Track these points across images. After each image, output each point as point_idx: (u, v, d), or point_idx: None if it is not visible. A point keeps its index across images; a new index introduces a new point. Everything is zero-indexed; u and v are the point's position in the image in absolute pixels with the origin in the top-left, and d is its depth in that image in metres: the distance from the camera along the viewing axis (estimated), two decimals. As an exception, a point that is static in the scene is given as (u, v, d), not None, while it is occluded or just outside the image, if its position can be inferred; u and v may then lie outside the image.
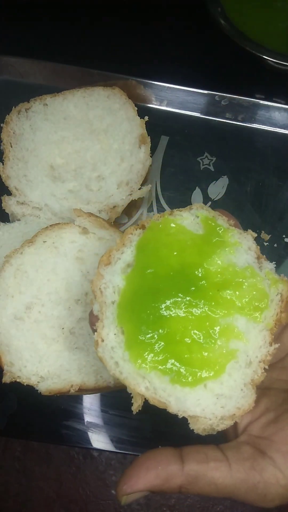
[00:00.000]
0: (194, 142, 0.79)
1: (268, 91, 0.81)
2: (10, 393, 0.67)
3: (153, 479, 0.35)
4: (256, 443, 0.39)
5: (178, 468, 0.36)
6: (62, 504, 0.84)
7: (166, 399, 0.42)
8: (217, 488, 0.36)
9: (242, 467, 0.36)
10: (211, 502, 0.90)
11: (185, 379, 0.42)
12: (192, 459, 0.36)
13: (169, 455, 0.37)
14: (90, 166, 0.70)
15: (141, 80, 0.78)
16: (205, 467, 0.36)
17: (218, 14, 0.77)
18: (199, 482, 0.36)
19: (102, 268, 0.45)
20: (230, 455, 0.37)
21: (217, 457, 0.37)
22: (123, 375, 0.42)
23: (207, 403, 0.42)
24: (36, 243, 0.60)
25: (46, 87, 0.78)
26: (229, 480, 0.36)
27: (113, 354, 0.43)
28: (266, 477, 0.36)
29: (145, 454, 0.37)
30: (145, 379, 0.42)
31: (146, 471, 0.36)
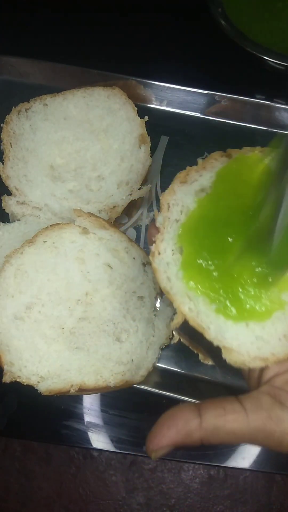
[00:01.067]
0: (194, 142, 0.79)
1: (268, 91, 0.81)
2: (10, 393, 0.67)
3: (175, 436, 0.38)
4: (277, 395, 0.40)
5: (197, 423, 0.38)
6: (62, 504, 0.84)
7: (207, 325, 0.42)
8: (236, 437, 0.38)
9: (260, 417, 0.38)
10: (211, 502, 0.90)
11: (231, 313, 0.42)
12: (209, 413, 0.38)
13: (188, 411, 0.39)
14: (90, 166, 0.70)
15: (141, 80, 0.78)
16: (222, 420, 0.38)
17: (219, 15, 0.77)
18: (218, 433, 0.38)
19: (176, 185, 0.45)
20: (248, 406, 0.39)
21: (234, 409, 0.38)
22: (172, 291, 0.42)
23: (245, 340, 0.42)
24: (36, 243, 0.60)
25: (46, 87, 0.78)
26: (247, 429, 0.38)
27: (167, 269, 0.43)
28: (283, 426, 0.38)
29: (166, 413, 0.40)
30: (192, 301, 0.42)
31: (167, 430, 0.38)
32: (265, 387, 0.41)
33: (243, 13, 0.77)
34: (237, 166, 0.45)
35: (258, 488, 0.93)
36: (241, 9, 0.78)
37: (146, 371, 0.62)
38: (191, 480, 0.90)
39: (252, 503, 0.93)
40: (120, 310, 0.61)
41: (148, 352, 0.62)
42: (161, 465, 0.89)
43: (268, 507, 0.93)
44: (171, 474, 0.90)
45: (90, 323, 0.59)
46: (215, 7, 0.77)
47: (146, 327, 0.62)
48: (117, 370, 0.58)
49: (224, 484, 0.92)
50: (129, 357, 0.59)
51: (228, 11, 0.77)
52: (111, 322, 0.60)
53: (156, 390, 0.65)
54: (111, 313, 0.60)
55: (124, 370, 0.58)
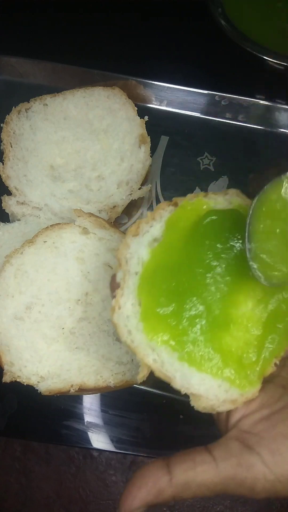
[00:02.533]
0: (194, 142, 0.79)
1: (268, 91, 0.81)
2: (10, 393, 0.67)
3: (146, 496, 0.37)
4: (245, 439, 0.39)
5: (167, 480, 0.37)
6: (62, 504, 0.84)
7: (172, 374, 0.42)
8: (208, 489, 0.37)
9: (230, 465, 0.37)
10: (211, 502, 0.90)
11: (194, 360, 0.42)
12: (179, 468, 0.38)
13: (157, 469, 0.38)
14: (90, 166, 0.70)
15: (141, 80, 0.78)
16: (192, 473, 0.37)
17: (219, 15, 0.77)
18: (190, 488, 0.37)
19: (129, 238, 0.46)
20: (217, 454, 0.38)
21: (204, 460, 0.38)
22: (134, 344, 0.43)
23: (212, 384, 0.42)
24: (37, 243, 0.61)
25: (46, 87, 0.78)
26: (218, 479, 0.37)
27: (127, 322, 0.43)
28: (254, 473, 0.37)
29: (137, 472, 0.39)
30: (155, 352, 0.43)
31: (138, 490, 0.37)
32: (233, 432, 0.41)
33: (243, 13, 0.77)
34: (184, 213, 0.47)
35: (258, 488, 0.93)
36: (241, 9, 0.78)
37: (146, 371, 0.62)
38: (191, 480, 0.90)
39: (252, 503, 0.93)
40: (120, 310, 0.61)
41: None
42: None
43: (268, 507, 0.93)
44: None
45: (90, 323, 0.59)
46: (215, 7, 0.77)
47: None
48: (117, 370, 0.58)
49: (224, 484, 0.92)
50: (129, 357, 0.59)
51: (228, 11, 0.77)
52: (111, 322, 0.60)
53: (156, 390, 0.65)
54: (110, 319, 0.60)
55: (124, 370, 0.58)
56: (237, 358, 0.43)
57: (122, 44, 0.88)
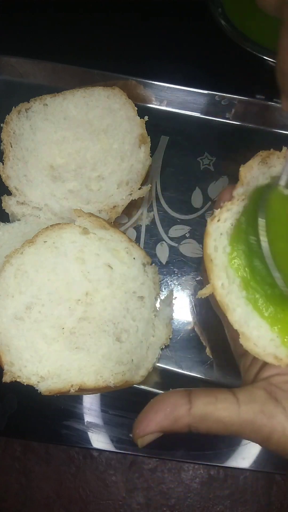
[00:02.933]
0: (194, 142, 0.79)
1: (268, 91, 0.81)
2: (10, 393, 0.67)
3: (162, 420, 0.37)
4: (273, 391, 0.39)
5: (186, 409, 0.37)
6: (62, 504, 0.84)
7: (234, 306, 0.42)
8: (224, 426, 0.37)
9: (251, 409, 0.37)
10: (211, 502, 0.90)
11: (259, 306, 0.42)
12: (200, 400, 0.38)
13: (178, 397, 0.38)
14: (90, 166, 0.70)
15: (141, 80, 0.78)
16: (212, 407, 0.37)
17: (219, 15, 0.77)
18: (207, 421, 0.37)
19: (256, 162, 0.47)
20: (241, 397, 0.38)
21: (226, 399, 0.38)
22: (213, 261, 0.42)
23: (266, 335, 0.42)
24: (37, 243, 0.61)
25: (46, 87, 0.78)
26: (237, 420, 0.37)
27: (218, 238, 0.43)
28: (274, 423, 0.37)
29: (155, 398, 0.39)
30: (227, 279, 0.42)
31: (155, 413, 0.38)
32: (261, 382, 0.41)
33: (243, 13, 0.77)
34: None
35: (258, 488, 0.93)
36: (241, 9, 0.78)
37: (146, 371, 0.62)
38: (191, 480, 0.90)
39: (252, 503, 0.93)
40: (120, 310, 0.61)
41: (148, 352, 0.62)
42: (161, 465, 0.89)
43: (268, 507, 0.93)
44: (171, 474, 0.90)
45: (90, 323, 0.59)
46: (215, 7, 0.77)
47: (146, 327, 0.62)
48: (117, 370, 0.58)
49: (224, 484, 0.92)
50: (129, 357, 0.59)
51: (228, 11, 0.77)
52: (111, 322, 0.60)
53: (156, 390, 0.65)
54: (111, 313, 0.60)
55: (124, 370, 0.58)
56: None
57: (122, 44, 0.88)
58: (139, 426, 0.38)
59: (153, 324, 0.64)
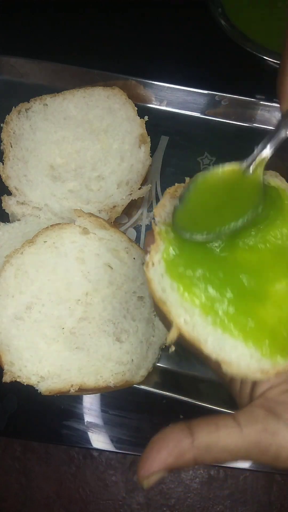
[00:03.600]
0: (194, 142, 0.79)
1: (268, 91, 0.81)
2: (10, 393, 0.67)
3: (166, 458, 0.36)
4: (271, 407, 0.38)
5: (189, 442, 0.36)
6: (62, 504, 0.84)
7: (204, 337, 0.41)
8: (230, 453, 0.36)
9: (254, 430, 0.36)
10: (211, 502, 0.90)
11: (228, 326, 0.41)
12: (201, 431, 0.37)
13: (179, 431, 0.37)
14: (90, 166, 0.70)
15: (141, 80, 0.78)
16: (215, 436, 0.36)
17: (219, 15, 0.77)
18: (212, 451, 0.36)
19: (167, 199, 0.47)
20: (242, 420, 0.37)
21: (227, 424, 0.37)
22: (166, 303, 0.42)
23: (244, 352, 0.41)
24: (37, 243, 0.61)
25: (46, 87, 0.78)
26: (242, 444, 0.36)
27: (161, 280, 0.42)
28: (279, 439, 0.36)
29: (156, 436, 0.38)
30: (187, 313, 0.42)
31: (158, 452, 0.36)
32: (259, 400, 0.40)
33: (243, 13, 0.77)
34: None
35: (258, 488, 0.93)
36: (241, 9, 0.78)
37: (146, 371, 0.62)
38: (191, 480, 0.90)
39: (252, 503, 0.93)
40: (120, 310, 0.61)
41: (148, 352, 0.62)
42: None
43: (268, 507, 0.93)
44: (171, 474, 0.90)
45: (90, 323, 0.59)
46: (215, 7, 0.77)
47: (146, 327, 0.62)
48: (117, 370, 0.58)
49: (224, 484, 0.92)
50: (129, 357, 0.59)
51: (228, 11, 0.77)
52: (111, 322, 0.60)
53: (156, 390, 0.65)
54: (111, 313, 0.60)
55: (124, 370, 0.58)
56: (271, 331, 0.42)
57: (122, 44, 0.88)
58: (143, 467, 0.36)
59: (153, 324, 0.64)
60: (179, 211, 0.46)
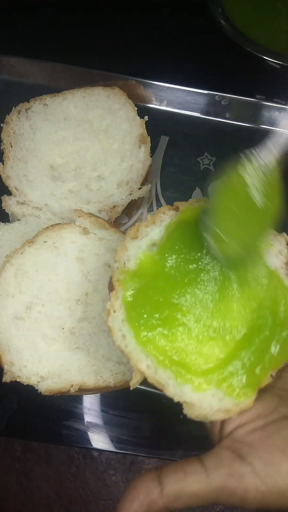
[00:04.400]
0: (194, 142, 0.79)
1: (268, 91, 0.81)
2: (10, 393, 0.67)
3: (138, 508, 0.37)
4: (238, 449, 0.39)
5: (158, 491, 0.37)
6: (62, 504, 0.84)
7: (165, 381, 0.42)
8: (199, 499, 0.37)
9: (220, 475, 0.37)
10: (211, 502, 0.90)
11: (185, 375, 0.42)
12: (170, 479, 0.38)
13: (148, 481, 0.38)
14: (90, 166, 0.70)
15: (141, 80, 0.78)
16: (183, 484, 0.37)
17: (219, 15, 0.77)
18: (180, 498, 0.37)
19: (128, 241, 0.46)
20: (209, 464, 0.38)
21: (195, 471, 0.38)
22: (127, 349, 0.42)
23: (206, 393, 0.42)
24: (37, 243, 0.61)
25: (46, 87, 0.78)
26: (209, 489, 0.37)
27: (122, 326, 0.43)
28: (245, 483, 0.37)
29: (129, 485, 0.39)
30: (148, 358, 0.42)
31: (130, 503, 0.38)
32: (226, 441, 0.40)
33: (243, 13, 0.77)
34: (184, 218, 0.47)
35: (258, 488, 0.93)
36: (241, 9, 0.78)
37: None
38: (191, 480, 0.90)
39: (252, 503, 0.93)
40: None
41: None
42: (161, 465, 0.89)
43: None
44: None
45: (90, 323, 0.59)
46: (215, 7, 0.77)
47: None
48: (117, 370, 0.58)
49: (224, 484, 0.92)
50: (129, 357, 0.59)
51: (228, 11, 0.77)
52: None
53: (156, 390, 0.65)
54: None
55: (124, 370, 0.58)
56: (232, 369, 0.43)
57: (122, 44, 0.88)
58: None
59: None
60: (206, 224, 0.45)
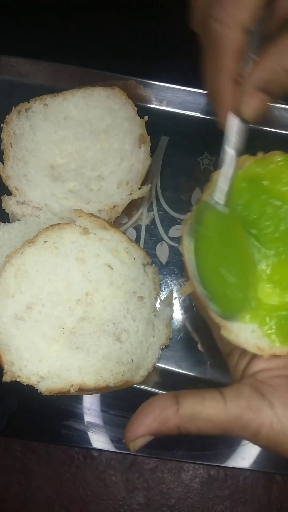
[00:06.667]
0: (194, 142, 0.79)
1: (268, 91, 0.81)
2: (10, 393, 0.67)
3: (151, 423, 0.38)
4: (259, 387, 0.39)
5: (174, 410, 0.38)
6: (62, 504, 0.84)
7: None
8: (213, 424, 0.38)
9: (238, 405, 0.38)
10: (211, 502, 0.90)
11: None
12: (187, 400, 0.38)
13: (166, 399, 0.39)
14: (90, 166, 0.70)
15: (141, 80, 0.78)
16: (200, 406, 0.38)
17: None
18: (195, 420, 0.38)
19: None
20: (228, 395, 0.39)
21: (213, 397, 0.38)
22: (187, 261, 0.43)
23: (247, 326, 0.42)
24: (37, 243, 0.61)
25: (46, 87, 0.78)
26: (224, 417, 0.37)
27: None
28: (261, 417, 0.37)
29: (146, 402, 0.40)
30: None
31: (144, 417, 0.38)
32: (248, 379, 0.41)
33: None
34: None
35: (258, 488, 0.93)
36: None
37: (146, 371, 0.62)
38: (191, 480, 0.90)
39: (252, 503, 0.93)
40: (120, 310, 0.61)
41: (148, 352, 0.63)
42: (161, 465, 0.89)
43: (268, 507, 0.93)
44: (171, 474, 0.90)
45: (90, 323, 0.59)
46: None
47: (146, 327, 0.62)
48: (117, 370, 0.58)
49: (224, 484, 0.92)
50: (129, 357, 0.59)
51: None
52: (111, 322, 0.60)
53: (156, 390, 0.65)
54: (111, 313, 0.60)
55: (124, 370, 0.58)
56: (277, 314, 0.43)
57: (122, 44, 0.88)
58: (130, 430, 0.39)
59: (153, 324, 0.64)
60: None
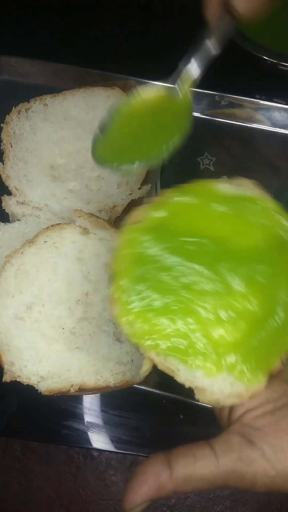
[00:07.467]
0: (194, 142, 0.78)
1: (268, 91, 0.81)
2: (10, 393, 0.67)
3: (147, 492, 0.38)
4: (247, 433, 0.39)
5: (167, 475, 0.38)
6: (62, 504, 0.84)
7: (176, 367, 0.42)
8: (208, 482, 0.38)
9: (230, 459, 0.37)
10: (211, 502, 0.90)
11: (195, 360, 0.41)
12: (179, 463, 0.38)
13: (158, 464, 0.38)
14: (90, 166, 0.70)
15: (141, 80, 0.78)
16: (192, 468, 0.37)
17: (218, 14, 0.77)
18: (190, 482, 0.38)
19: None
20: (218, 449, 0.38)
21: (204, 454, 0.38)
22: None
23: (217, 378, 0.42)
24: (37, 243, 0.61)
25: (46, 87, 0.78)
26: (218, 474, 0.37)
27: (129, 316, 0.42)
28: (254, 467, 0.37)
29: (139, 468, 0.39)
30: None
31: (140, 486, 0.38)
32: (235, 426, 0.40)
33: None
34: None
35: (258, 488, 0.93)
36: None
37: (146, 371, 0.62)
38: (191, 480, 0.90)
39: (252, 503, 0.93)
40: (120, 310, 0.61)
41: (148, 352, 0.62)
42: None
43: (268, 507, 0.93)
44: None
45: (91, 323, 0.59)
46: (215, 7, 0.77)
47: (146, 327, 0.62)
48: (117, 370, 0.58)
49: (224, 484, 0.92)
50: (129, 357, 0.59)
51: (228, 11, 0.77)
52: (111, 322, 0.60)
53: (156, 390, 0.65)
54: (111, 313, 0.60)
55: (124, 370, 0.58)
56: (244, 353, 0.42)
57: (122, 44, 0.88)
58: (127, 500, 0.38)
59: (153, 324, 0.64)
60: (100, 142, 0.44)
